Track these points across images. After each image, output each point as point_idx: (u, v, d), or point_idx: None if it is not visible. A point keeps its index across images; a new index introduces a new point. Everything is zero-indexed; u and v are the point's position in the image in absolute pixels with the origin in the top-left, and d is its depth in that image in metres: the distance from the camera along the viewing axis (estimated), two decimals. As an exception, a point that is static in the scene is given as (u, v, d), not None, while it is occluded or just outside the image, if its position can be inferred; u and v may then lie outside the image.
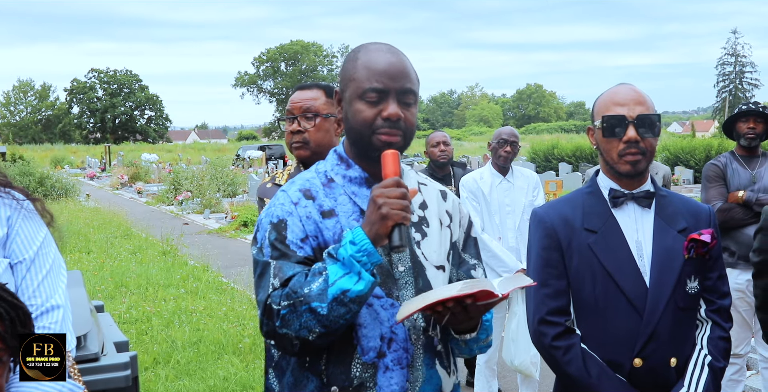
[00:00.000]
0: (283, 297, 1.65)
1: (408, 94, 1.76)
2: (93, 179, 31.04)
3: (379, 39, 14.31)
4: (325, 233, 1.75)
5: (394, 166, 1.68)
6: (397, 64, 1.76)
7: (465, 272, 1.95)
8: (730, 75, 77.43)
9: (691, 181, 22.11)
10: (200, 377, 5.33)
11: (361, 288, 1.61)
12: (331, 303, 1.61)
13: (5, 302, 1.51)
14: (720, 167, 4.32)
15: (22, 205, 1.99)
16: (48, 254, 2.00)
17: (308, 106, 2.73)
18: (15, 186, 2.03)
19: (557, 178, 20.17)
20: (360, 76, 1.76)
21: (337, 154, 1.87)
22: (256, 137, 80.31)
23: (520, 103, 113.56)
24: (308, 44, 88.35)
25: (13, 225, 1.96)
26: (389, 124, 1.73)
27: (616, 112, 2.10)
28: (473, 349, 1.90)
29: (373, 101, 1.74)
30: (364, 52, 1.80)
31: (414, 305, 1.64)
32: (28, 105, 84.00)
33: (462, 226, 1.97)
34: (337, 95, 1.85)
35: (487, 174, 4.63)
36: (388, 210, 1.61)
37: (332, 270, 1.62)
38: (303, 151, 2.73)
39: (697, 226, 2.16)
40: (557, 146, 30.36)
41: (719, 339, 2.17)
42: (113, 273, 9.24)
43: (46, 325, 1.92)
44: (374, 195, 1.64)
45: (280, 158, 32.39)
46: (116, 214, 16.12)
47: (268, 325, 1.69)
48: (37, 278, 1.95)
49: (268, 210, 1.80)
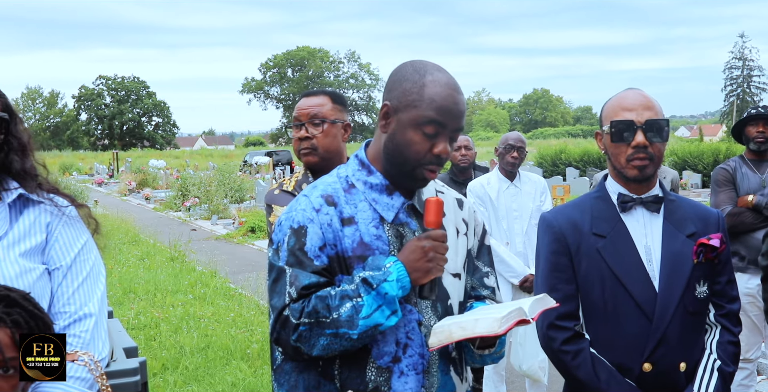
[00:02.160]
0: (304, 314, 1.67)
1: (458, 132, 1.79)
2: (101, 185, 31.14)
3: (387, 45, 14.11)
4: (344, 241, 1.76)
5: (437, 216, 1.73)
6: (460, 105, 1.78)
7: (478, 280, 1.96)
8: (738, 79, 77.22)
9: (699, 185, 22.04)
10: (209, 383, 5.33)
11: (393, 323, 1.68)
12: (361, 333, 1.66)
13: (26, 311, 1.52)
14: (729, 171, 4.31)
15: (64, 212, 2.00)
16: (86, 261, 2.00)
17: (315, 113, 2.75)
18: (60, 192, 2.05)
19: (565, 182, 20.13)
20: (424, 105, 1.74)
21: (359, 160, 1.87)
22: (263, 143, 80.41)
23: (527, 107, 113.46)
24: (315, 50, 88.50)
25: (52, 231, 1.97)
26: (437, 160, 1.77)
27: (624, 117, 2.10)
28: (486, 360, 1.91)
29: (429, 135, 1.75)
30: (431, 79, 1.76)
31: (447, 335, 1.68)
32: (37, 112, 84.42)
33: (477, 234, 1.99)
34: (387, 108, 1.80)
35: (495, 179, 4.63)
36: (434, 265, 1.70)
37: (368, 302, 1.66)
38: (311, 157, 2.74)
39: (706, 231, 2.16)
40: (564, 151, 30.33)
41: (728, 344, 2.16)
42: (122, 279, 9.27)
43: (77, 333, 1.92)
44: (425, 246, 1.69)
45: (287, 164, 32.43)
46: (124, 220, 16.18)
47: (281, 334, 1.70)
48: (73, 285, 1.96)
49: (289, 213, 1.81)
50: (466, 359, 1.94)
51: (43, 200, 1.97)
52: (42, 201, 1.97)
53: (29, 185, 1.97)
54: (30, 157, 2.01)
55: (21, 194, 1.94)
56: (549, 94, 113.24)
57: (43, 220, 1.96)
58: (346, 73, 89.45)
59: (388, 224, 1.79)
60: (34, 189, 1.98)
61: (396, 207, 1.80)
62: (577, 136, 72.66)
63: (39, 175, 2.02)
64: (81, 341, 1.92)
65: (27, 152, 2.01)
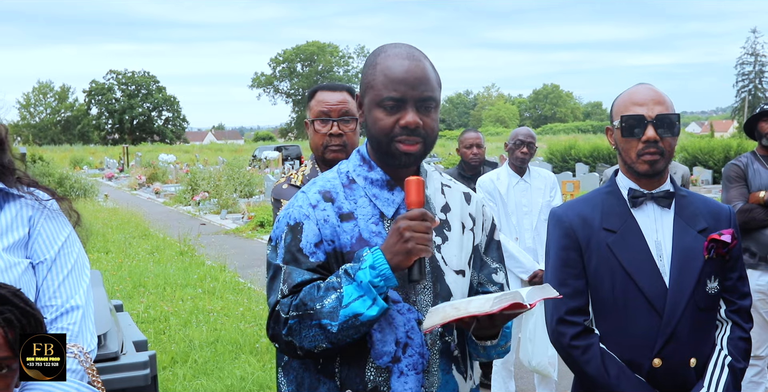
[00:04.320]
0: (292, 307, 1.67)
1: (427, 100, 1.74)
2: (111, 180, 31.27)
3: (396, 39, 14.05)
4: (342, 237, 1.74)
5: (418, 195, 1.66)
6: (415, 71, 1.73)
7: (486, 276, 1.93)
8: (750, 74, 76.69)
9: (709, 181, 21.93)
10: (218, 376, 5.35)
11: (373, 313, 1.63)
12: (342, 324, 1.62)
13: (18, 309, 1.52)
14: (741, 167, 4.28)
15: (45, 205, 2.00)
16: (70, 254, 2.01)
17: (347, 109, 2.74)
18: (40, 185, 2.04)
19: (574, 178, 20.07)
20: (378, 83, 1.74)
21: (360, 155, 1.86)
22: (272, 138, 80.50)
23: (536, 103, 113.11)
24: (324, 45, 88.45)
25: (35, 225, 1.97)
26: (407, 132, 1.72)
27: (635, 111, 2.09)
28: (491, 354, 1.88)
29: (390, 108, 1.73)
30: (383, 57, 1.77)
31: (442, 316, 1.64)
32: (48, 106, 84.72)
33: (485, 229, 1.95)
34: (358, 99, 1.83)
35: (504, 174, 4.62)
36: (413, 245, 1.61)
37: (347, 291, 1.63)
38: (341, 154, 2.72)
39: (717, 227, 2.14)
40: (574, 146, 30.22)
41: (739, 340, 2.15)
42: (131, 272, 9.31)
43: (65, 326, 1.93)
44: (401, 227, 1.62)
45: (296, 159, 32.44)
46: (134, 214, 16.23)
47: (275, 330, 1.71)
48: (58, 278, 1.96)
49: (287, 210, 1.81)
50: (471, 354, 1.92)
51: (23, 194, 1.97)
52: (22, 195, 1.97)
53: (8, 179, 1.97)
54: (7, 152, 2.00)
55: (0, 189, 1.94)
56: (559, 89, 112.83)
57: (25, 214, 1.96)
58: (356, 68, 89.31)
59: (388, 220, 1.77)
60: (14, 183, 1.98)
61: (396, 203, 1.79)
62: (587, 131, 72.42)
63: (17, 169, 2.02)
64: (69, 334, 1.92)
65: (4, 147, 2.00)
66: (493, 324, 1.71)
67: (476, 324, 1.69)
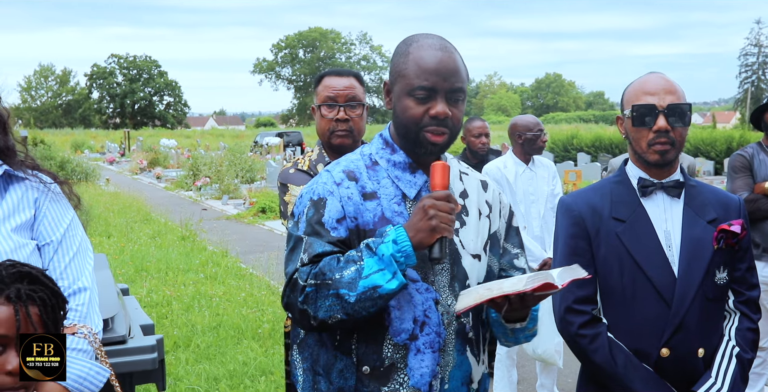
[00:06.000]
0: (311, 275, 1.68)
1: (457, 92, 1.77)
2: (112, 164, 31.26)
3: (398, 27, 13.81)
4: (365, 215, 1.77)
5: (443, 179, 1.71)
6: (447, 63, 1.76)
7: (508, 261, 1.96)
8: (753, 65, 76.43)
9: (711, 172, 21.91)
10: (220, 361, 5.37)
11: (392, 287, 1.64)
12: (360, 294, 1.64)
13: (47, 288, 1.53)
14: (747, 158, 4.28)
15: (50, 188, 2.01)
16: (75, 236, 2.02)
17: (354, 95, 2.76)
18: (43, 169, 2.05)
19: (576, 168, 20.05)
20: (410, 72, 1.77)
21: (383, 139, 1.89)
22: (273, 124, 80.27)
23: (539, 92, 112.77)
24: (326, 31, 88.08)
25: (40, 207, 1.98)
26: (436, 122, 1.76)
27: (646, 101, 2.08)
28: (519, 338, 1.91)
29: (421, 98, 1.75)
30: (415, 46, 1.79)
31: (475, 297, 1.66)
32: (49, 90, 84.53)
33: (503, 217, 1.97)
34: (386, 86, 1.86)
35: (511, 162, 4.61)
36: (437, 223, 1.64)
37: (368, 264, 1.64)
38: (347, 139, 2.75)
39: (727, 217, 2.14)
40: (576, 136, 30.19)
41: (747, 331, 2.15)
42: (133, 257, 9.32)
43: (73, 307, 1.95)
44: (426, 204, 1.66)
45: (297, 145, 32.43)
46: (136, 199, 16.24)
47: (290, 298, 1.71)
48: (64, 260, 1.98)
49: (311, 187, 1.83)
50: (500, 339, 1.94)
51: (28, 177, 1.98)
52: (27, 177, 1.98)
53: (13, 162, 1.98)
54: (10, 135, 2.00)
55: (6, 171, 1.95)
56: (561, 78, 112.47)
57: (31, 196, 1.97)
58: (358, 55, 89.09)
59: (410, 201, 1.80)
60: (19, 166, 1.98)
61: (419, 185, 1.81)
62: (589, 121, 72.23)
63: (20, 151, 2.02)
64: (78, 314, 1.94)
65: (7, 130, 2.00)
66: (524, 305, 1.73)
67: (507, 306, 1.72)
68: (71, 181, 14.04)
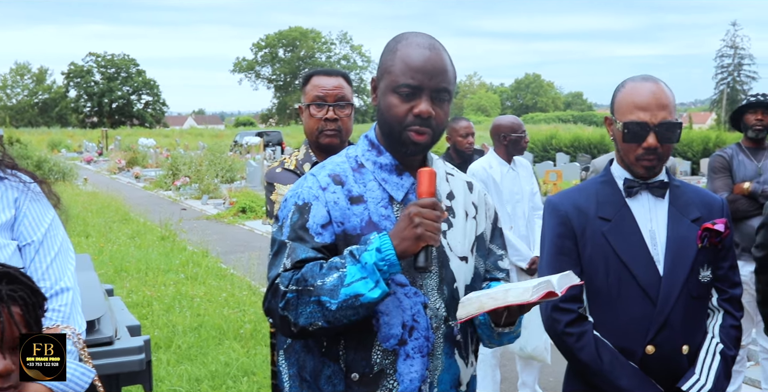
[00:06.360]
0: (293, 281, 1.66)
1: (442, 92, 1.75)
2: (90, 163, 30.94)
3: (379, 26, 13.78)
4: (352, 219, 1.75)
5: (429, 186, 1.68)
6: (435, 62, 1.74)
7: (493, 263, 1.95)
8: (729, 67, 77.26)
9: (688, 172, 22.15)
10: (201, 362, 5.35)
11: (375, 296, 1.62)
12: (341, 302, 1.62)
13: (27, 287, 1.51)
14: (726, 158, 4.34)
15: (29, 187, 1.98)
16: (56, 236, 2.00)
17: (343, 95, 2.76)
18: (21, 168, 2.03)
19: (555, 168, 20.18)
20: (396, 69, 1.75)
21: (369, 140, 1.86)
22: (253, 123, 79.79)
23: (518, 92, 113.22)
24: (307, 31, 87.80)
25: (20, 207, 1.96)
26: (420, 121, 1.74)
27: (638, 117, 2.08)
28: (503, 341, 1.90)
29: (405, 95, 1.74)
30: (404, 44, 1.78)
31: (477, 306, 1.65)
32: (25, 88, 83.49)
33: (489, 218, 1.97)
34: (374, 82, 1.84)
35: (495, 162, 4.64)
36: (422, 231, 1.62)
37: (351, 271, 1.63)
38: (335, 139, 2.75)
39: (710, 216, 2.17)
40: (555, 136, 30.40)
41: (731, 328, 2.19)
42: (113, 257, 9.25)
43: (56, 307, 1.92)
44: (412, 212, 1.63)
45: (277, 144, 32.29)
46: (114, 199, 16.10)
47: (271, 303, 1.70)
48: (46, 260, 1.95)
49: (295, 190, 1.80)
50: (483, 341, 1.93)
51: (7, 176, 1.96)
52: (6, 177, 1.96)
53: None
54: None
55: None
56: (540, 79, 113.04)
57: (11, 196, 1.95)
58: (338, 55, 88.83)
59: (398, 204, 1.78)
60: None
61: (405, 187, 1.80)
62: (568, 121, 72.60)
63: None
64: (61, 315, 1.92)
65: None
66: (521, 313, 1.73)
67: (506, 314, 1.72)
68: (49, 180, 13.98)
